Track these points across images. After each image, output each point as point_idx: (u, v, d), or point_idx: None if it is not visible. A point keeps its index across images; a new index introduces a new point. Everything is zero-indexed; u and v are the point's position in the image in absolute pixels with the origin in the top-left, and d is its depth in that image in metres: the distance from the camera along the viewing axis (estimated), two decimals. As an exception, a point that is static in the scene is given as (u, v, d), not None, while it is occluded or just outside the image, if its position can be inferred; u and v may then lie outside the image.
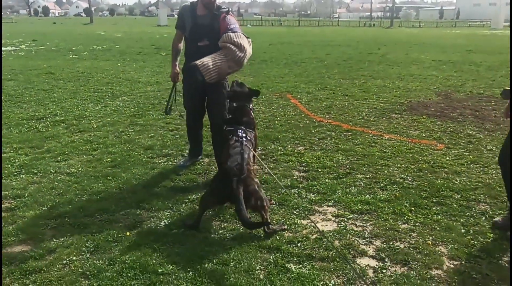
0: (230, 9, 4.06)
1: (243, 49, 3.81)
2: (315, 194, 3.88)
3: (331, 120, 6.40)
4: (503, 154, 3.32)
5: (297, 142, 5.40)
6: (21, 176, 4.26)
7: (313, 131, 5.83)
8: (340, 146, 5.19)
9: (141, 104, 7.49)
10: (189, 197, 3.82)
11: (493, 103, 7.54)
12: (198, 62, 3.74)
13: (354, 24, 54.58)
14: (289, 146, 5.21)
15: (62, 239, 3.09)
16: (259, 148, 4.94)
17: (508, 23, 50.43)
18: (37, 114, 6.72)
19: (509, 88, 7.67)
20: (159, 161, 4.75)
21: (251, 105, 3.90)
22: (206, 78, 3.76)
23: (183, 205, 3.67)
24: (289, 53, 16.57)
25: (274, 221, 3.35)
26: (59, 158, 4.77)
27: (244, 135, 3.51)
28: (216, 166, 4.45)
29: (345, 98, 8.06)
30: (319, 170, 4.45)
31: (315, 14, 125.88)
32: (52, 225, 3.29)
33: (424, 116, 6.60)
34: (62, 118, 6.50)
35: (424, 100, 7.88)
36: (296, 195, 3.87)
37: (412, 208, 3.61)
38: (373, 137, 5.58)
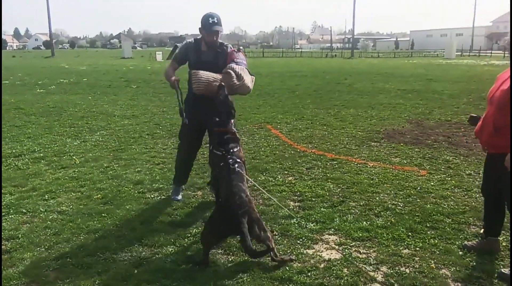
0: (241, 48, 4.19)
1: (241, 79, 3.94)
2: (314, 223, 3.95)
3: (314, 150, 6.55)
4: (486, 186, 3.48)
5: (286, 172, 5.49)
6: (10, 216, 4.11)
7: (299, 161, 5.96)
8: (328, 175, 5.32)
9: (121, 138, 7.42)
10: (191, 231, 3.80)
11: (462, 130, 7.95)
12: (194, 71, 3.90)
13: (316, 55, 56.32)
14: (279, 177, 5.30)
15: (68, 280, 3.00)
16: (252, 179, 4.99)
17: (460, 53, 53.56)
18: (14, 151, 6.53)
19: (476, 115, 8.07)
20: (152, 196, 4.71)
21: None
22: (194, 86, 3.87)
23: (186, 239, 3.65)
24: (260, 84, 16.87)
25: (280, 252, 3.39)
26: (46, 196, 4.64)
27: (235, 160, 3.51)
28: (212, 198, 4.46)
29: (323, 127, 8.29)
30: (313, 199, 4.54)
31: (277, 45, 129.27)
32: (54, 266, 3.19)
33: (401, 144, 6.88)
34: (41, 154, 6.34)
35: (398, 128, 8.21)
36: (296, 225, 3.93)
37: (409, 233, 3.74)
38: (358, 165, 5.76)
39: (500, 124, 3.09)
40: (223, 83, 3.81)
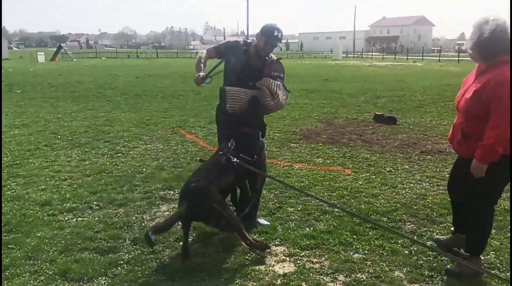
0: (280, 57, 3.98)
1: (276, 98, 3.73)
2: (257, 235, 3.72)
3: (237, 154, 6.33)
4: (453, 183, 3.42)
5: (213, 180, 5.18)
6: None
7: (224, 166, 5.68)
8: (258, 180, 5.13)
9: (14, 152, 6.43)
10: (123, 257, 3.31)
11: (370, 127, 8.37)
12: (228, 87, 3.74)
13: (212, 56, 56.20)
14: (207, 185, 4.97)
15: None
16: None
17: (345, 55, 57.60)
18: None
19: (380, 113, 8.53)
20: (65, 218, 4.06)
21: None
22: (228, 105, 3.72)
23: (119, 268, 3.16)
24: (161, 85, 16.20)
25: (227, 272, 3.09)
26: None
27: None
28: (139, 215, 3.99)
29: (239, 130, 8.11)
30: (250, 207, 4.31)
31: (169, 46, 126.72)
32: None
33: (320, 144, 6.98)
34: None
35: (312, 127, 8.37)
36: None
37: (354, 236, 3.70)
38: (285, 168, 5.67)
39: (468, 131, 3.01)
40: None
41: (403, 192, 4.76)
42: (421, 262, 3.30)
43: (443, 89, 15.24)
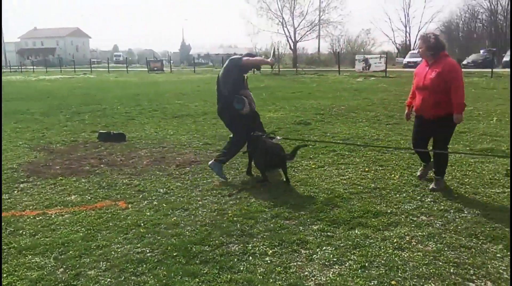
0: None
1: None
2: None
3: None
4: (417, 138, 5.17)
5: None
6: None
7: None
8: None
9: None
10: None
11: (102, 148, 7.44)
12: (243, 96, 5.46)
13: None
14: None
15: None
16: None
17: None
18: None
19: (105, 131, 7.89)
20: None
21: None
22: (245, 109, 5.41)
23: None
24: None
25: None
26: None
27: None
28: None
29: None
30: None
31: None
32: None
33: (60, 177, 5.64)
34: None
35: (32, 159, 6.71)
36: None
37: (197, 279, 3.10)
38: (38, 218, 4.26)
39: (438, 99, 4.72)
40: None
41: (199, 212, 4.40)
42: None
43: (133, 98, 15.45)
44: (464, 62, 39.82)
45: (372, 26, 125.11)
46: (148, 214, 4.36)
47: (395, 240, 3.67)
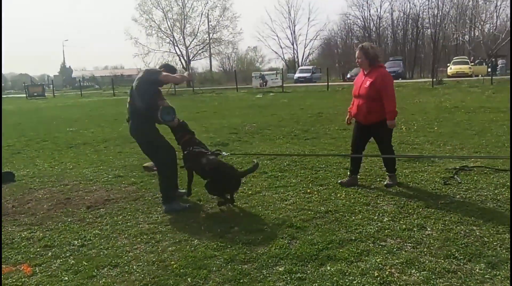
0: None
1: None
2: None
3: None
4: (356, 142, 5.39)
5: None
6: None
7: None
8: None
9: None
10: None
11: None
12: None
13: None
14: None
15: None
16: None
17: None
18: None
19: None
20: None
21: None
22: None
23: None
24: None
25: None
26: None
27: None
28: None
29: None
30: None
31: None
32: None
33: None
34: None
35: None
36: None
37: None
38: None
39: (371, 107, 5.01)
40: None
41: (133, 268, 3.49)
42: None
43: (15, 128, 13.42)
44: (348, 75, 42.92)
45: (261, 44, 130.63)
46: (66, 279, 3.34)
47: (376, 274, 3.20)
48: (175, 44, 49.60)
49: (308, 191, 5.28)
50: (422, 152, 7.13)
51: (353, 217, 4.34)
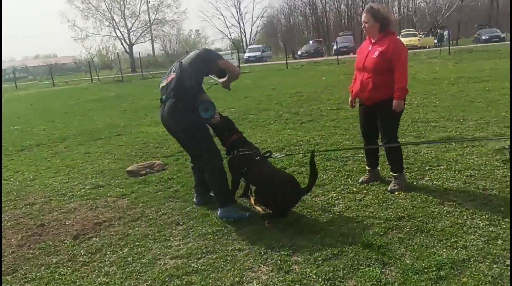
0: None
1: None
2: None
3: None
4: (365, 130, 4.40)
5: None
6: None
7: None
8: None
9: None
10: None
11: None
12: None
13: None
14: None
15: None
16: None
17: None
18: None
19: None
20: None
21: None
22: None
23: None
24: None
25: None
26: None
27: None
28: None
29: None
30: None
31: None
32: None
33: None
34: None
35: None
36: None
37: None
38: None
39: (377, 82, 4.03)
40: None
41: None
42: None
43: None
44: (299, 53, 42.27)
45: (206, 24, 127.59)
46: None
47: None
48: (116, 27, 46.55)
49: (354, 190, 4.27)
50: (448, 130, 6.32)
51: (439, 224, 3.38)
